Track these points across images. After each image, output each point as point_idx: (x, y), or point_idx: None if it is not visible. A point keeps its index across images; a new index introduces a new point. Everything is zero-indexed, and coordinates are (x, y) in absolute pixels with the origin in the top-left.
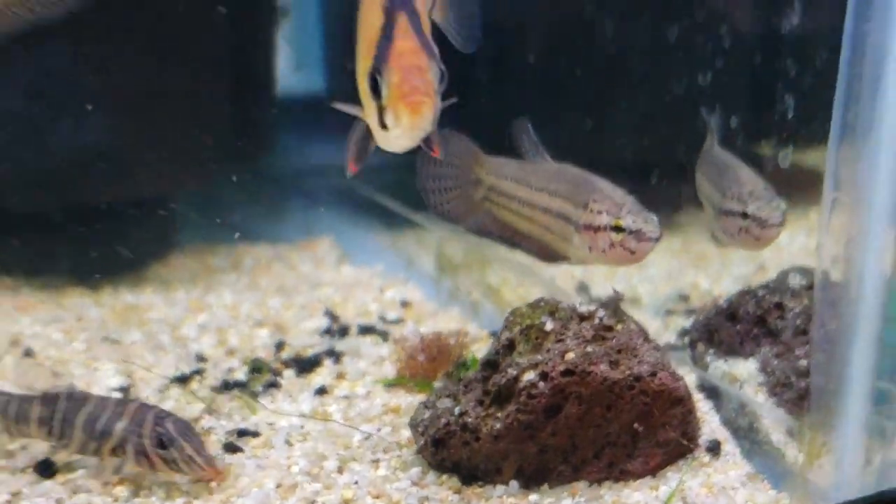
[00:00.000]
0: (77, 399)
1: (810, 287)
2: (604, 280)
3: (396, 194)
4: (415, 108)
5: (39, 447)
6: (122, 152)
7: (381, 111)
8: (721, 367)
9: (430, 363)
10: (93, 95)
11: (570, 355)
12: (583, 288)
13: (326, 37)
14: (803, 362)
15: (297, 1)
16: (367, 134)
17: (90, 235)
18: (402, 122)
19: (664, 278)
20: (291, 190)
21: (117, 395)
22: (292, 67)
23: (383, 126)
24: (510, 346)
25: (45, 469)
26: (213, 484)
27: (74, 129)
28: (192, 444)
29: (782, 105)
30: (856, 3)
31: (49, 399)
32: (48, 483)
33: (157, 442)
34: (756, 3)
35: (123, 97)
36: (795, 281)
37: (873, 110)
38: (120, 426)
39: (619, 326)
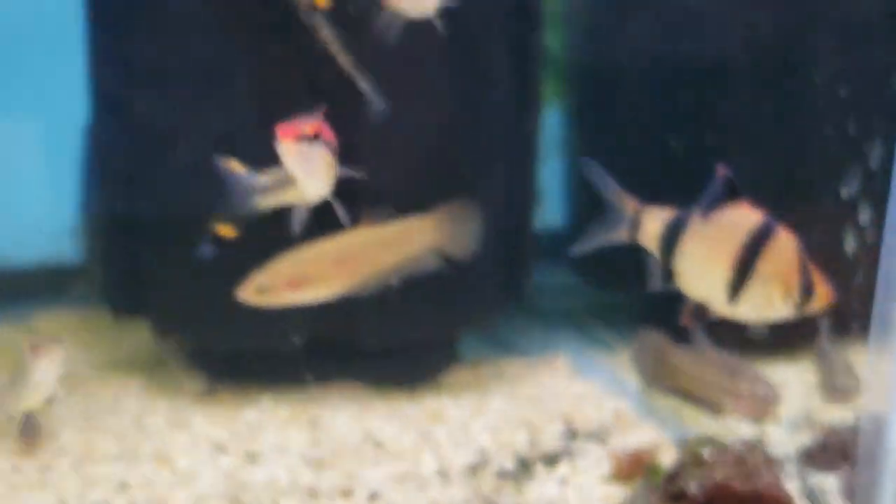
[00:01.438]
0: None
1: None
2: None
3: (612, 329)
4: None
5: None
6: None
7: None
8: (815, 479)
9: (631, 465)
10: None
11: (717, 475)
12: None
13: (566, 194)
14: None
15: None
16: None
17: (406, 356)
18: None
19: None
20: (537, 315)
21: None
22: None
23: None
24: (683, 466)
25: None
26: None
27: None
28: None
29: None
30: None
31: None
32: None
33: None
34: None
35: None
36: None
37: None
38: None
39: (750, 457)
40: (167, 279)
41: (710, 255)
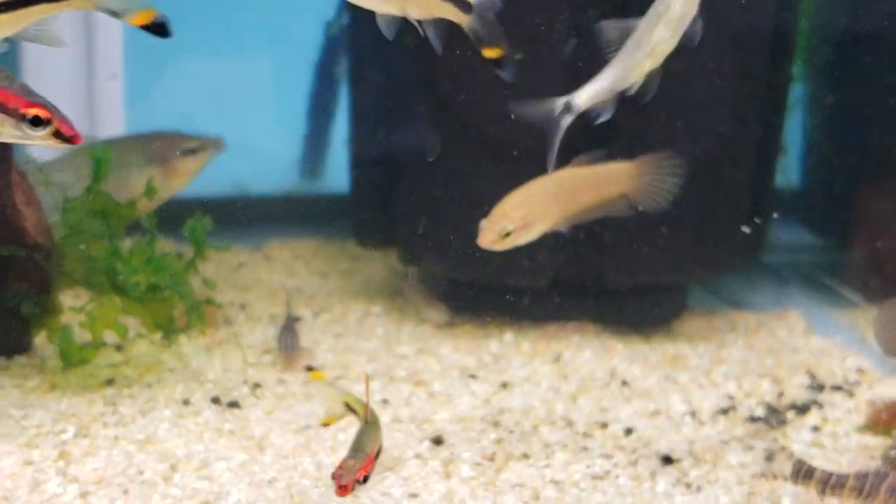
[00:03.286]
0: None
1: None
2: None
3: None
4: None
5: None
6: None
7: None
8: None
9: (890, 415)
10: None
11: None
12: None
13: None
14: None
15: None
16: None
17: (640, 300)
18: None
19: None
20: (769, 269)
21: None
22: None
23: None
24: None
25: None
26: None
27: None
28: None
29: None
30: None
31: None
32: None
33: None
34: None
35: None
36: None
37: None
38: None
39: None
40: (415, 212)
41: None
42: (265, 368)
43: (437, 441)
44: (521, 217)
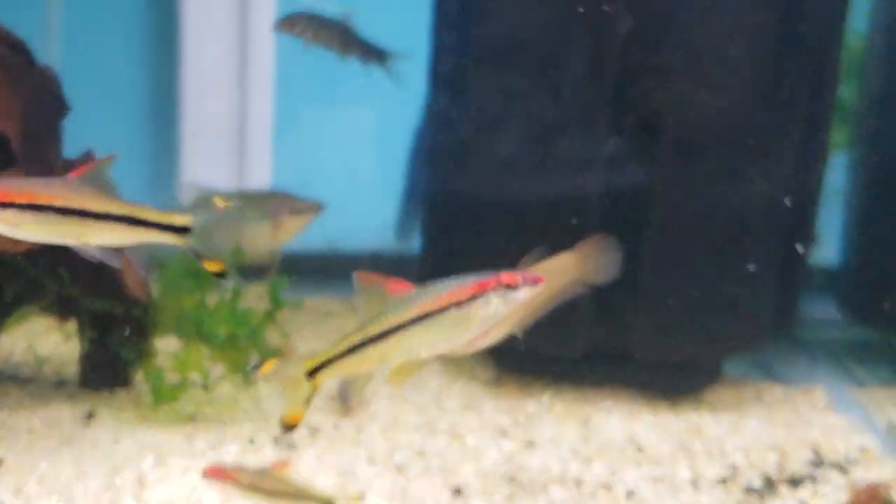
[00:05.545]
0: None
1: None
2: None
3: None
4: None
5: None
6: None
7: None
8: None
9: (868, 496)
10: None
11: None
12: None
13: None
14: None
15: None
16: None
17: (673, 370)
18: None
19: None
20: (801, 345)
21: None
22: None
23: None
24: None
25: None
26: None
27: None
28: None
29: None
30: None
31: None
32: None
33: None
34: None
35: None
36: None
37: None
38: None
39: None
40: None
41: None
42: (326, 413)
43: (457, 492)
44: None
